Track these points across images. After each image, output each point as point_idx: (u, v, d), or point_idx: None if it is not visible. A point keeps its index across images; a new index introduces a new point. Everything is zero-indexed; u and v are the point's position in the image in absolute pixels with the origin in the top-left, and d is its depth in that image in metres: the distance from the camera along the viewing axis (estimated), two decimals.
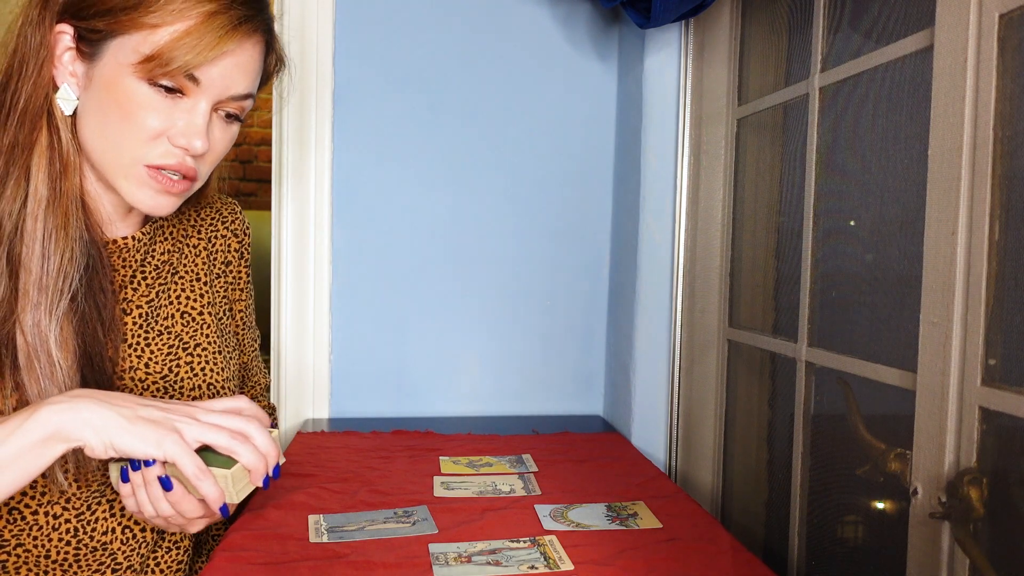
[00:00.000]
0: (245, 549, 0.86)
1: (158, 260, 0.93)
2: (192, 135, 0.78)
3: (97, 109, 0.77)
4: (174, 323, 0.92)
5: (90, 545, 0.84)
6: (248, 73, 0.81)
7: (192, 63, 0.75)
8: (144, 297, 0.90)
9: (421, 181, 1.55)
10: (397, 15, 1.53)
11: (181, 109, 0.78)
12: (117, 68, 0.76)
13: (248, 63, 0.81)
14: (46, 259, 0.76)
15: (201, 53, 0.75)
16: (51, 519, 0.82)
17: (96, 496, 0.85)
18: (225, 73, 0.78)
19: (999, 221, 0.72)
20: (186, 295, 0.94)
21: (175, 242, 0.96)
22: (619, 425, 1.49)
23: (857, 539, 1.01)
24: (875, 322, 0.97)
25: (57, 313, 0.76)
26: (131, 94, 0.76)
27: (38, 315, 0.75)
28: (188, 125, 0.78)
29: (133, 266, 0.90)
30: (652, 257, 1.41)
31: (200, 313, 0.95)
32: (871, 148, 0.97)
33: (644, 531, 0.93)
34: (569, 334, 1.61)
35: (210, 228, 1.01)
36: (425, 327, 1.57)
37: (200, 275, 0.97)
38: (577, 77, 1.57)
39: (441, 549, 0.86)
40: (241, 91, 0.81)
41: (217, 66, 0.77)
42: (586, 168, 1.59)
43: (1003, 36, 0.72)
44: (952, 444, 0.76)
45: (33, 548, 0.82)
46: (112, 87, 0.76)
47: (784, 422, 1.16)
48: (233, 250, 1.03)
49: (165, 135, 0.78)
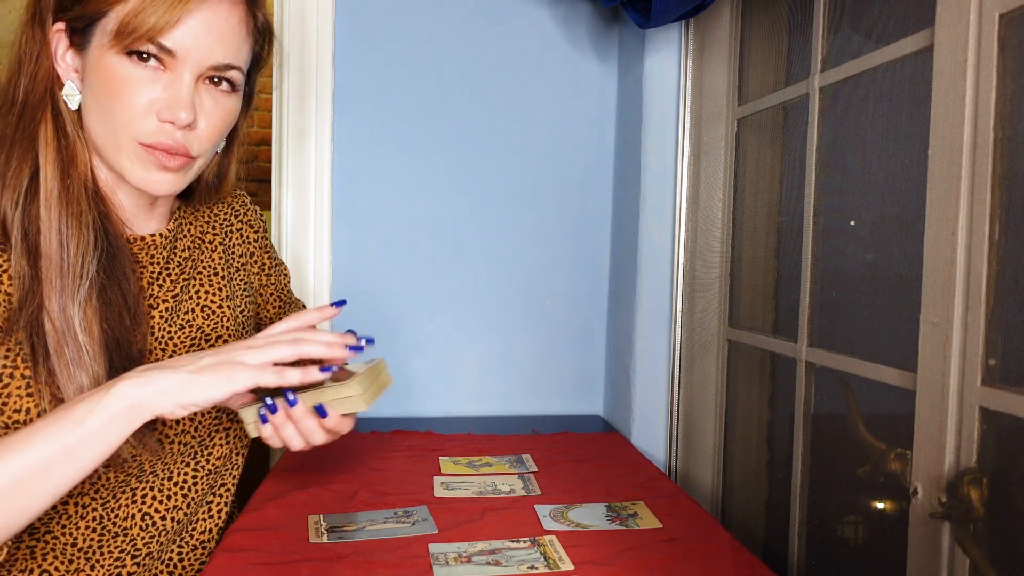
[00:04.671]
0: (245, 549, 0.86)
1: (180, 257, 0.95)
2: (175, 107, 0.79)
3: (92, 96, 0.80)
4: (195, 316, 0.95)
5: (112, 531, 0.87)
6: (224, 37, 0.81)
7: (158, 25, 0.76)
8: (170, 292, 0.93)
9: (421, 181, 1.55)
10: (397, 15, 1.53)
11: (164, 83, 0.79)
12: (100, 50, 0.78)
13: (223, 25, 0.81)
14: (63, 247, 0.79)
15: (165, 12, 0.76)
16: (80, 508, 0.85)
17: (122, 485, 0.88)
18: (199, 38, 0.79)
19: (999, 221, 0.72)
20: (205, 290, 0.97)
21: (194, 239, 0.99)
22: (619, 425, 1.49)
23: (857, 539, 1.01)
24: (875, 322, 0.97)
25: (79, 298, 0.78)
26: (114, 71, 0.78)
27: (63, 300, 0.78)
28: (171, 97, 0.79)
29: (160, 263, 0.93)
30: (652, 257, 1.41)
31: (220, 307, 0.98)
32: (871, 148, 0.97)
33: (644, 531, 0.93)
34: (569, 334, 1.61)
35: (224, 224, 1.04)
36: (425, 327, 1.57)
37: (218, 270, 1.00)
38: (577, 77, 1.57)
39: (441, 549, 0.86)
40: (221, 59, 0.81)
41: (185, 28, 0.78)
42: (586, 168, 1.59)
43: (1003, 36, 0.72)
44: (952, 444, 0.75)
45: (61, 535, 0.84)
46: (99, 69, 0.79)
47: (784, 422, 1.16)
48: (251, 240, 1.07)
49: (153, 111, 0.79)
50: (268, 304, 1.10)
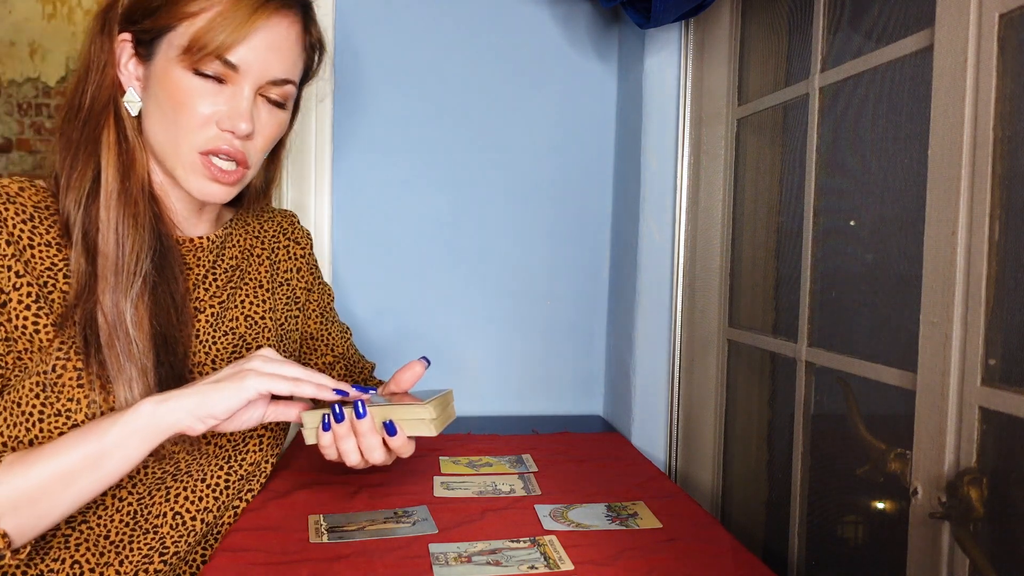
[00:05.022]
0: (245, 549, 0.86)
1: (227, 264, 1.00)
2: (236, 117, 0.84)
3: (155, 105, 0.85)
4: (238, 324, 0.98)
5: (143, 527, 0.89)
6: (283, 54, 0.87)
7: (226, 43, 0.81)
8: (216, 298, 0.97)
9: (421, 181, 1.55)
10: (397, 15, 1.53)
11: (225, 95, 0.84)
12: (167, 63, 0.83)
13: (282, 42, 0.86)
14: (119, 245, 0.83)
15: (233, 32, 0.81)
16: (116, 501, 0.88)
17: (158, 483, 0.90)
18: (259, 54, 0.84)
19: (999, 221, 0.72)
20: (250, 300, 1.01)
21: (242, 250, 1.03)
22: (619, 425, 1.49)
23: (857, 539, 1.01)
24: (875, 322, 0.97)
25: (132, 294, 0.83)
26: (179, 84, 0.83)
27: (116, 296, 0.82)
28: (232, 109, 0.84)
29: (206, 266, 0.97)
30: (652, 257, 1.41)
31: (262, 317, 1.02)
32: (871, 148, 0.97)
33: (644, 531, 0.93)
34: (569, 334, 1.61)
35: (272, 240, 1.09)
36: (425, 327, 1.57)
37: (263, 282, 1.04)
38: (577, 77, 1.57)
39: (441, 549, 0.86)
40: (279, 75, 0.87)
41: (249, 45, 0.83)
42: (586, 168, 1.59)
43: (1003, 36, 0.72)
44: (952, 444, 0.75)
45: (96, 526, 0.87)
46: (164, 82, 0.84)
47: (784, 422, 1.16)
48: (298, 257, 1.12)
49: (214, 121, 0.85)
50: (310, 320, 1.13)
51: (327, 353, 1.15)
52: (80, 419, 0.81)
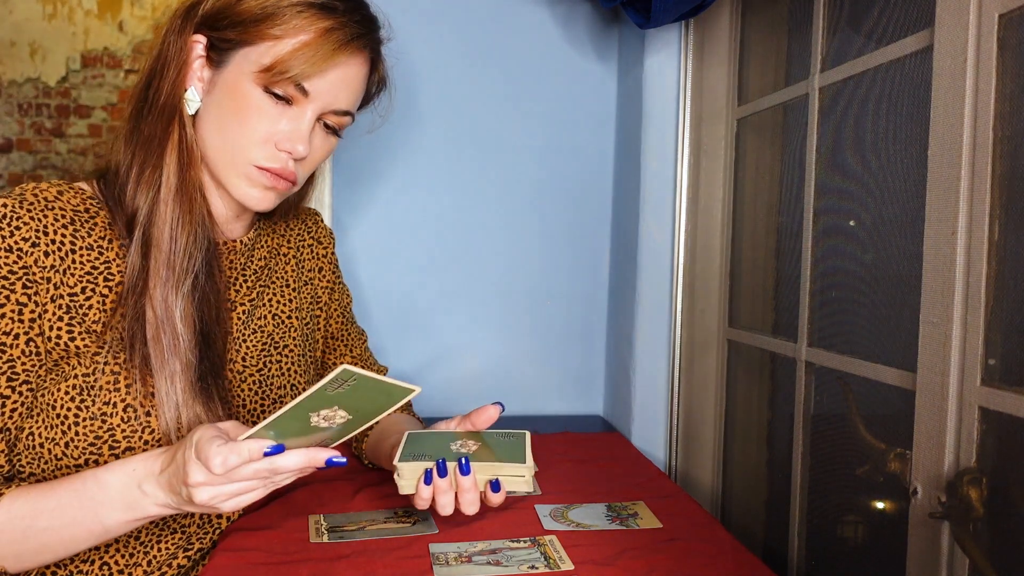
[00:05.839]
0: (245, 549, 0.86)
1: (256, 265, 1.00)
2: (296, 140, 0.85)
3: (217, 111, 0.86)
4: (266, 323, 1.00)
5: (172, 527, 0.90)
6: (352, 89, 0.89)
7: (306, 72, 0.83)
8: (246, 296, 0.98)
9: (420, 181, 1.55)
10: (397, 15, 1.52)
11: (288, 116, 0.86)
12: (239, 75, 0.84)
13: (353, 79, 0.89)
14: (174, 241, 0.84)
15: (315, 64, 0.83)
16: None
17: None
18: (332, 86, 0.86)
19: (999, 221, 0.72)
20: (277, 299, 1.02)
21: (270, 250, 1.04)
22: (619, 425, 1.49)
23: (857, 539, 1.01)
24: (875, 322, 0.97)
25: (183, 290, 0.84)
26: (248, 99, 0.84)
27: (166, 291, 0.83)
28: (293, 131, 0.86)
29: (238, 268, 0.98)
30: (652, 257, 1.41)
31: (289, 317, 1.03)
32: (871, 148, 0.97)
33: (644, 531, 0.93)
34: (569, 334, 1.61)
35: (298, 238, 1.10)
36: (425, 327, 1.57)
37: (290, 282, 1.05)
38: (577, 77, 1.57)
39: (441, 549, 0.86)
40: (343, 106, 0.89)
41: (326, 78, 0.85)
42: (586, 168, 1.59)
43: (1003, 36, 0.72)
44: (952, 444, 0.76)
45: None
46: (233, 92, 0.85)
47: (784, 422, 1.16)
48: (320, 256, 1.12)
49: (272, 139, 0.86)
50: (331, 320, 1.14)
51: (346, 354, 1.15)
52: (115, 423, 0.81)
